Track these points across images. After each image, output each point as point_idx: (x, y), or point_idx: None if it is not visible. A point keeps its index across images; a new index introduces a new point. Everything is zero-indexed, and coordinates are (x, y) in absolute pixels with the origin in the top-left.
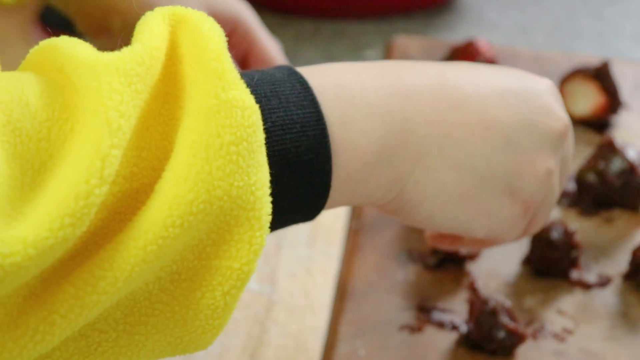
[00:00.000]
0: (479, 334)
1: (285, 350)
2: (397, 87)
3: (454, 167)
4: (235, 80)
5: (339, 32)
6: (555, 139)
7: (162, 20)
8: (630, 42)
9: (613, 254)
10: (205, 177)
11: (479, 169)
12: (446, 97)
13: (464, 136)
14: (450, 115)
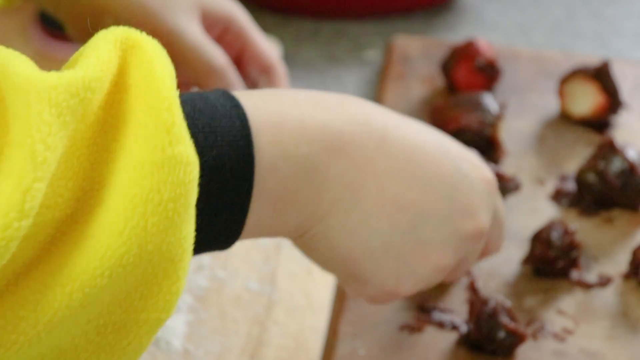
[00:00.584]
0: (479, 334)
1: (285, 350)
2: (332, 142)
3: (350, 235)
4: (183, 134)
5: (339, 32)
6: (463, 240)
7: (113, 45)
8: (630, 42)
9: (613, 254)
10: (140, 232)
11: (372, 244)
12: (375, 167)
13: (374, 210)
14: (370, 185)
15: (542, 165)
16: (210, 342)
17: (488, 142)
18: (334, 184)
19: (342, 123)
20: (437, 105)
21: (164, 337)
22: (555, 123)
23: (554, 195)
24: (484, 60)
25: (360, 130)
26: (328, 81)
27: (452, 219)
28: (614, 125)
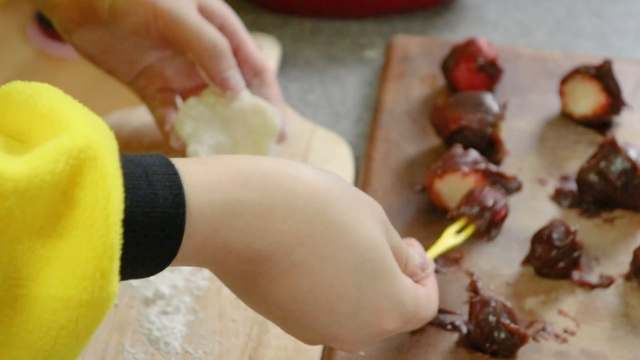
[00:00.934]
0: (480, 335)
1: (284, 351)
2: (264, 225)
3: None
4: (114, 276)
5: (339, 32)
6: (373, 337)
7: (66, 162)
8: (631, 42)
9: (614, 255)
10: (48, 349)
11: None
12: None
13: (270, 284)
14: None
15: (543, 166)
16: (210, 343)
17: (489, 142)
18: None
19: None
20: (438, 105)
21: (163, 338)
22: (556, 123)
23: (555, 196)
24: (485, 60)
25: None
26: (328, 81)
27: (364, 321)
28: (615, 125)
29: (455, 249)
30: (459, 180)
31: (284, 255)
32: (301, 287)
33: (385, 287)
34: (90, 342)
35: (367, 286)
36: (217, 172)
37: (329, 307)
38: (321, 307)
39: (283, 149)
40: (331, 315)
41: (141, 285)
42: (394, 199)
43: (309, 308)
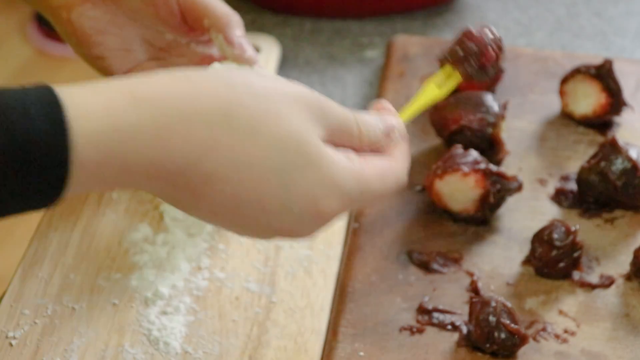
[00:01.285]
0: (480, 335)
1: (284, 351)
2: (162, 144)
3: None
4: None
5: (339, 32)
6: (317, 223)
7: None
8: (632, 42)
9: (615, 255)
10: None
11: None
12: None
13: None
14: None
15: (543, 166)
16: (210, 343)
17: (489, 141)
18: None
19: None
20: (438, 105)
21: (162, 338)
22: (557, 123)
23: (555, 196)
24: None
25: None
26: (328, 81)
27: (291, 207)
28: (616, 125)
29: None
30: (459, 180)
31: (194, 167)
32: (225, 195)
33: (312, 176)
34: (90, 342)
35: (292, 180)
36: (106, 99)
37: (260, 206)
38: (253, 207)
39: None
40: (266, 213)
41: (141, 285)
42: (394, 199)
43: (242, 212)
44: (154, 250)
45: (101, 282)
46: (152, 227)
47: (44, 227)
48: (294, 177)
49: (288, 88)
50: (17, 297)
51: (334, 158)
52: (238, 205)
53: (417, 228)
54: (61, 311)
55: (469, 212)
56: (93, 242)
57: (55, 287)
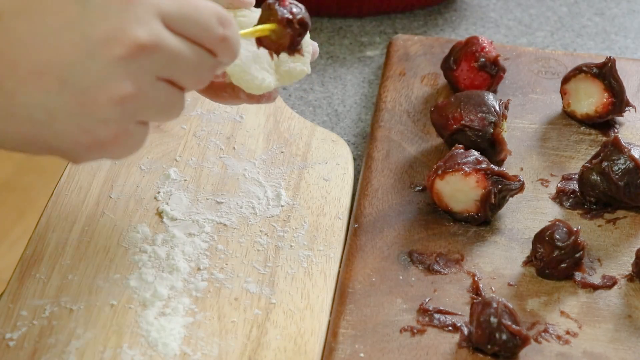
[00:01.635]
0: (481, 336)
1: (284, 352)
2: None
3: (9, 119)
4: None
5: (339, 31)
6: (123, 63)
7: None
8: (634, 41)
9: (617, 255)
10: None
11: (36, 116)
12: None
13: (15, 86)
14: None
15: (545, 166)
16: (208, 344)
17: (491, 141)
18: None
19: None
20: (439, 104)
21: (161, 340)
22: (558, 122)
23: (557, 196)
24: (486, 59)
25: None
26: (328, 80)
27: (97, 53)
28: (618, 124)
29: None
30: (460, 180)
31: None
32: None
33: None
34: (88, 344)
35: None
36: None
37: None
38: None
39: (283, 149)
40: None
41: (139, 286)
42: (394, 199)
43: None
44: (152, 250)
45: (100, 283)
46: (151, 228)
47: (42, 227)
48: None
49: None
50: (14, 297)
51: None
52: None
53: (417, 228)
54: (59, 312)
55: (470, 212)
56: (91, 243)
57: (54, 288)
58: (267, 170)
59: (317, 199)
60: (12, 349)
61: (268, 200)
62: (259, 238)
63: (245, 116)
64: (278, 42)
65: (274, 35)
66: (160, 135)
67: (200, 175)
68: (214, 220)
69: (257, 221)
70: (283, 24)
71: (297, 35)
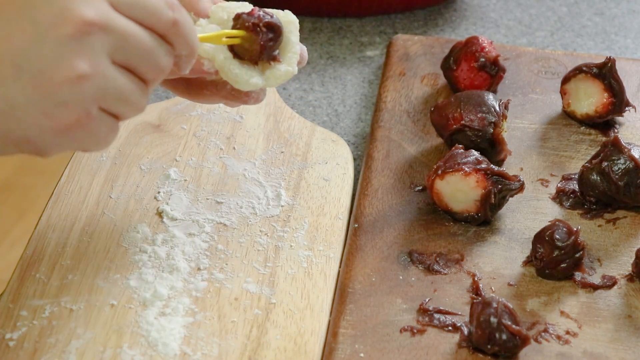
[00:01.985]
0: (481, 336)
1: (284, 352)
2: None
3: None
4: None
5: (339, 31)
6: (74, 42)
7: None
8: (634, 41)
9: (617, 255)
10: None
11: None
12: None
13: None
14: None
15: (544, 165)
16: (209, 344)
17: (491, 141)
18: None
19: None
20: (439, 104)
21: (161, 340)
22: (558, 122)
23: (556, 196)
24: (486, 59)
25: None
26: (328, 80)
27: (46, 35)
28: (618, 124)
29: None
30: (460, 180)
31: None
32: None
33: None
34: (88, 344)
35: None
36: None
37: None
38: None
39: (283, 149)
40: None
41: (140, 286)
42: (394, 199)
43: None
44: (152, 250)
45: (100, 283)
46: (151, 228)
47: (42, 227)
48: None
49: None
50: (15, 298)
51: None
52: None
53: (417, 228)
54: (59, 312)
55: (470, 212)
56: (91, 243)
57: (54, 288)
58: (267, 170)
59: (317, 199)
60: (12, 349)
61: (268, 200)
62: (259, 238)
63: (245, 116)
64: (250, 49)
65: (245, 43)
66: (160, 135)
67: (200, 175)
68: (214, 220)
69: (257, 221)
70: (250, 30)
71: (268, 40)
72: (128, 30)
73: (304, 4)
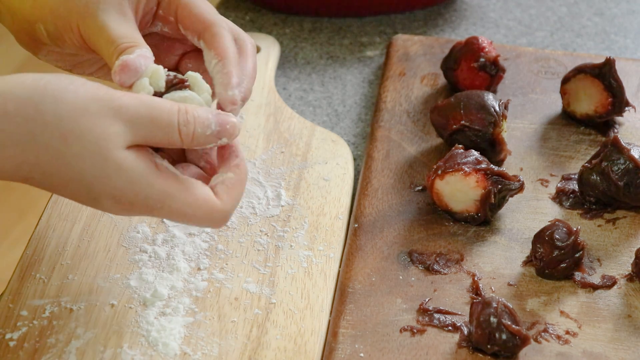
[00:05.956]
0: (481, 336)
1: (284, 352)
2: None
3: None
4: None
5: (339, 31)
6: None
7: None
8: (634, 41)
9: (617, 255)
10: None
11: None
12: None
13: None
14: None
15: (544, 165)
16: (209, 344)
17: (490, 141)
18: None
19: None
20: (439, 104)
21: (161, 340)
22: (558, 123)
23: (556, 196)
24: (486, 59)
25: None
26: (328, 81)
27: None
28: (618, 124)
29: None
30: (460, 180)
31: (20, 177)
32: (49, 187)
33: (109, 182)
34: (89, 344)
35: (92, 186)
36: None
37: (73, 196)
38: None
39: (283, 149)
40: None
41: (140, 286)
42: (394, 199)
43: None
44: (153, 250)
45: (100, 283)
46: (151, 227)
47: (42, 227)
48: (95, 184)
49: (89, 101)
50: (15, 297)
51: (128, 165)
52: (62, 192)
53: (417, 228)
54: (59, 312)
55: (470, 212)
56: (92, 243)
57: (54, 288)
58: (267, 170)
59: (317, 199)
60: (12, 349)
61: (268, 200)
62: (259, 238)
63: (245, 116)
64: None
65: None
66: None
67: None
68: None
69: (257, 221)
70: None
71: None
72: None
73: (304, 4)
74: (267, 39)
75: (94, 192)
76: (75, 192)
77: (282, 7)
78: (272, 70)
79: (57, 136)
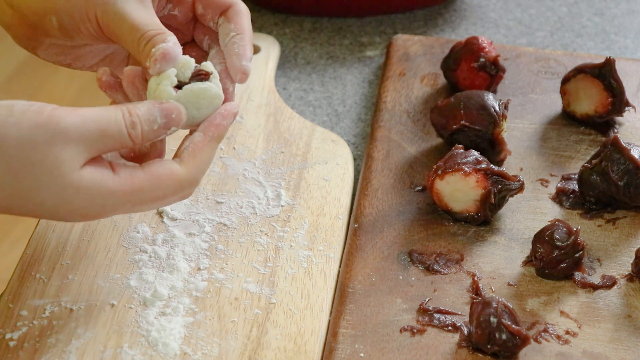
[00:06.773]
0: (481, 336)
1: (284, 352)
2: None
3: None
4: None
5: (339, 31)
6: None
7: None
8: (634, 41)
9: (616, 255)
10: None
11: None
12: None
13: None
14: None
15: (544, 165)
16: (209, 344)
17: (490, 141)
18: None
19: None
20: (439, 104)
21: (161, 340)
22: (558, 123)
23: (556, 196)
24: (486, 59)
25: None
26: (328, 80)
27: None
28: (618, 124)
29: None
30: (460, 180)
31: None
32: (18, 214)
33: (76, 202)
34: (89, 344)
35: (59, 207)
36: None
37: (42, 217)
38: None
39: (283, 149)
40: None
41: (140, 286)
42: (394, 199)
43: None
44: (153, 250)
45: (100, 283)
46: (151, 227)
47: (42, 227)
48: (59, 209)
49: (34, 130)
50: (15, 297)
51: (86, 184)
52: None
53: (417, 228)
54: (59, 312)
55: (470, 212)
56: (92, 242)
57: (54, 288)
58: (267, 170)
59: (317, 199)
60: (12, 349)
61: (268, 200)
62: (259, 238)
63: (245, 116)
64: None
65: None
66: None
67: None
68: (214, 220)
69: (257, 221)
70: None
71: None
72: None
73: (304, 4)
74: (267, 39)
75: (61, 215)
76: (44, 217)
77: (282, 7)
78: (272, 70)
79: (9, 174)
